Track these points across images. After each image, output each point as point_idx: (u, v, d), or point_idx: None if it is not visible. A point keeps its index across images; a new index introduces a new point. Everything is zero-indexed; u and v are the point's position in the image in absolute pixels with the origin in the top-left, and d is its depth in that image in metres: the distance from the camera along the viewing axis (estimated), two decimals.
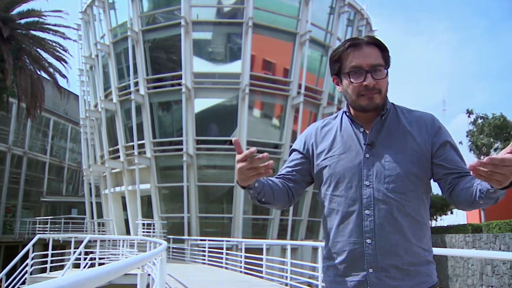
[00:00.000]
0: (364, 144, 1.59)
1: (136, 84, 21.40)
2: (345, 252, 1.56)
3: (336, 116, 1.73)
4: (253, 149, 1.42)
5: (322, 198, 1.66)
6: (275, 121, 22.71)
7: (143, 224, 19.31)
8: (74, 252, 11.03)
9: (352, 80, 1.56)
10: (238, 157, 1.46)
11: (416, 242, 1.53)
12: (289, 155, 1.78)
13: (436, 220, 38.01)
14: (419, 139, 1.57)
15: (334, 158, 1.62)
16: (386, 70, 1.59)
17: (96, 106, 24.81)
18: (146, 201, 21.36)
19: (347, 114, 1.67)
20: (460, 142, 30.04)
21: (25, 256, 10.65)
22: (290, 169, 1.72)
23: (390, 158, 1.55)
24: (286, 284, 9.55)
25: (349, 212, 1.56)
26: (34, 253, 10.97)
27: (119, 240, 16.49)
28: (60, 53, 23.22)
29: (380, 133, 1.60)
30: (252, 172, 1.44)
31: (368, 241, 1.52)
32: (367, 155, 1.57)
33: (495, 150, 29.83)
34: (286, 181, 1.70)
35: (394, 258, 1.50)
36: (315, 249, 17.75)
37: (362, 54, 1.57)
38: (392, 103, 1.68)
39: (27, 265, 10.72)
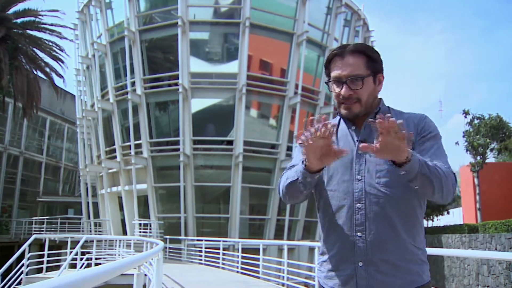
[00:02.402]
0: (357, 141, 1.63)
1: (133, 84, 21.36)
2: (336, 246, 1.59)
3: (336, 118, 1.78)
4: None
5: (317, 195, 1.69)
6: (272, 121, 22.72)
7: (140, 224, 19.28)
8: (71, 252, 10.99)
9: (331, 89, 1.66)
10: (318, 134, 1.41)
11: (407, 238, 1.54)
12: (295, 151, 1.80)
13: (432, 220, 38.17)
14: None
15: None
16: (369, 77, 1.62)
17: (92, 106, 24.74)
18: (143, 201, 21.31)
19: (339, 115, 1.73)
20: (457, 143, 30.12)
21: (21, 256, 10.62)
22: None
23: None
24: (283, 284, 9.55)
25: (341, 206, 1.59)
26: (30, 253, 10.93)
27: (116, 240, 16.48)
28: (57, 52, 23.23)
29: (372, 131, 1.62)
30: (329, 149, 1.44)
31: (359, 234, 1.54)
32: (360, 151, 1.60)
33: (491, 150, 29.93)
34: None
35: (384, 252, 1.52)
36: (311, 249, 17.78)
37: (342, 64, 1.63)
38: (388, 106, 1.73)
39: (23, 265, 10.69)
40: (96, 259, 13.35)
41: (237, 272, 12.56)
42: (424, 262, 1.58)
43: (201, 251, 15.81)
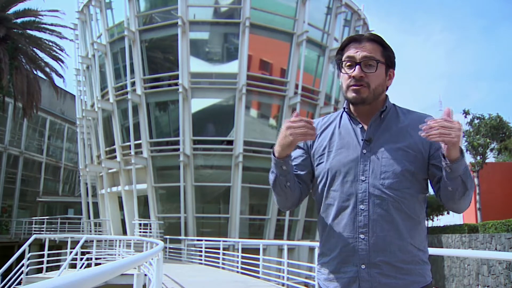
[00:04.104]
0: (362, 140, 1.59)
1: (133, 84, 21.35)
2: (338, 248, 1.56)
3: (337, 113, 1.74)
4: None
5: (318, 195, 1.66)
6: (272, 121, 22.72)
7: (140, 224, 19.28)
8: (71, 252, 10.99)
9: (343, 71, 1.62)
10: (295, 122, 1.51)
11: (410, 240, 1.53)
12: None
13: (432, 220, 38.10)
14: (416, 138, 1.56)
15: (331, 154, 1.62)
16: (383, 65, 1.61)
17: (92, 106, 24.74)
18: (143, 201, 21.31)
19: (345, 110, 1.68)
20: None
21: (21, 256, 10.62)
22: (294, 167, 1.68)
23: (387, 155, 1.55)
24: (283, 284, 9.55)
25: (343, 207, 1.56)
26: (30, 253, 10.93)
27: (116, 240, 16.47)
28: (57, 52, 23.26)
29: (378, 130, 1.61)
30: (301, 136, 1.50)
31: (362, 236, 1.52)
32: (364, 151, 1.58)
33: (491, 150, 29.93)
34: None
35: (387, 255, 1.50)
36: (311, 249, 17.80)
37: (358, 47, 1.60)
38: (393, 104, 1.70)
39: (23, 265, 10.70)
40: (96, 259, 13.35)
41: (237, 272, 12.56)
42: (425, 263, 1.57)
43: (201, 251, 15.80)
